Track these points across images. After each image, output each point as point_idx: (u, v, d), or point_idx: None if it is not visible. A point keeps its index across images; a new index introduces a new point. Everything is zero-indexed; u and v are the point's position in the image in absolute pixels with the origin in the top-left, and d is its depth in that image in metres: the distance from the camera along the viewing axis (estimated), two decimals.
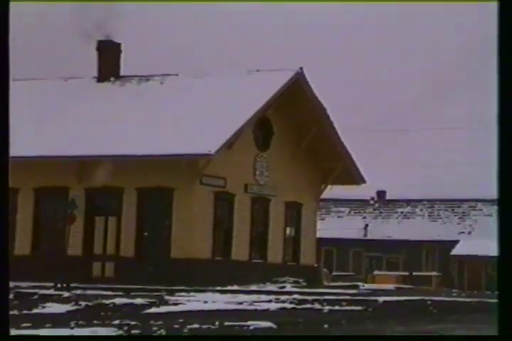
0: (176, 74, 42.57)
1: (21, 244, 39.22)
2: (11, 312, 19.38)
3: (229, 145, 36.80)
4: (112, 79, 43.06)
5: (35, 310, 20.17)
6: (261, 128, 40.35)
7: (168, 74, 42.69)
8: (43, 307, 20.86)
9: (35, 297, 24.15)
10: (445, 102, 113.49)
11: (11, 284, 28.86)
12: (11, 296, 24.58)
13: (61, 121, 39.64)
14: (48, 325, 16.46)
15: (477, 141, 78.78)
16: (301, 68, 40.11)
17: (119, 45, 43.49)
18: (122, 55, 43.71)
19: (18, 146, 37.91)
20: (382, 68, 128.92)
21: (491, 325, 16.34)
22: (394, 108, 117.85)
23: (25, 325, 16.63)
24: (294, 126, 41.46)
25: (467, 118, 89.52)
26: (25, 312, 19.80)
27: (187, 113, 37.94)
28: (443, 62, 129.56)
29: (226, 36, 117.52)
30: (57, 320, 17.56)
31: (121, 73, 43.44)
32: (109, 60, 43.21)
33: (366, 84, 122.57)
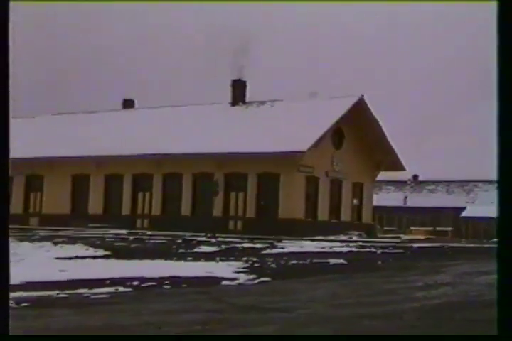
0: (281, 100, 42.71)
1: (185, 208, 39.78)
2: (180, 251, 19.85)
3: (315, 145, 36.83)
4: (240, 103, 43.37)
5: (194, 250, 20.39)
6: (336, 134, 40.26)
7: (276, 100, 42.81)
8: (199, 248, 21.09)
9: (194, 242, 24.45)
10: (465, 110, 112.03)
11: (180, 234, 29.48)
12: (180, 241, 25.03)
13: (208, 130, 40.07)
14: (202, 259, 16.67)
15: (479, 142, 78.28)
16: (362, 95, 40.12)
17: (245, 82, 43.80)
18: (247, 88, 44.11)
19: (183, 146, 38.76)
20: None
21: (484, 260, 16.32)
22: (422, 117, 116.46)
23: (189, 258, 16.95)
24: (358, 132, 41.28)
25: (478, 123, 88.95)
26: (188, 251, 20.07)
27: (288, 125, 38.01)
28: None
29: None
30: (207, 256, 17.75)
31: (247, 100, 43.73)
32: (238, 92, 43.57)
33: (407, 99, 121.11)
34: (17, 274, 11.24)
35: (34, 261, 15.04)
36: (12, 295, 8.85)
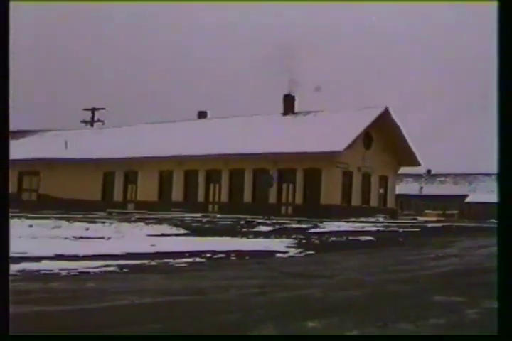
0: (323, 111, 42.51)
1: (247, 196, 39.89)
2: (243, 230, 19.89)
3: (350, 146, 36.65)
4: (290, 113, 43.35)
5: (254, 229, 20.40)
6: (366, 137, 39.96)
7: (318, 111, 42.64)
8: (258, 228, 21.07)
9: (254, 223, 24.45)
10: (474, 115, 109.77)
11: (243, 216, 29.61)
12: (243, 222, 25.07)
13: (265, 135, 40.14)
14: (260, 237, 16.65)
15: (479, 143, 77.30)
16: (387, 106, 39.80)
17: (293, 97, 43.80)
18: (296, 102, 44.08)
19: (245, 148, 38.78)
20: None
21: (483, 237, 16.08)
22: (434, 124, 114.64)
23: (250, 236, 16.98)
24: (383, 136, 40.92)
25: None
26: (250, 230, 20.10)
27: (328, 130, 37.86)
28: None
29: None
30: (265, 235, 17.76)
31: (295, 110, 43.66)
32: (288, 104, 43.57)
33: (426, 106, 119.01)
34: (120, 247, 11.49)
35: (132, 237, 15.29)
36: (116, 262, 9.07)
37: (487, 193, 62.88)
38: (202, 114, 50.27)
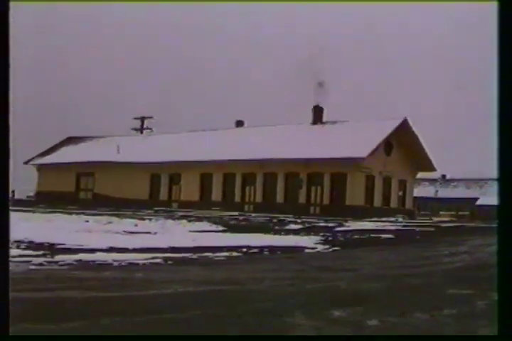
0: (348, 121, 42.22)
1: (279, 197, 39.90)
2: (276, 228, 19.85)
3: (372, 153, 36.46)
4: (318, 123, 43.20)
5: (286, 227, 20.35)
6: (387, 145, 39.66)
7: (344, 121, 42.40)
8: (289, 226, 21.03)
9: (286, 221, 24.39)
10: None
11: (275, 215, 29.53)
12: (275, 220, 24.98)
13: (295, 142, 40.06)
14: (291, 234, 16.61)
15: (489, 151, 76.43)
16: (406, 117, 39.47)
17: (322, 108, 43.62)
18: (324, 113, 43.86)
19: (278, 153, 38.74)
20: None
21: (492, 236, 15.72)
22: (449, 133, 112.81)
23: (282, 233, 16.94)
24: (403, 144, 40.55)
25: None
26: (281, 227, 20.06)
27: (353, 138, 37.70)
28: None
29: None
30: (295, 232, 17.73)
31: (323, 120, 43.50)
32: (317, 115, 43.46)
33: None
34: (165, 241, 11.59)
35: (175, 233, 15.40)
36: (161, 255, 9.15)
37: (495, 196, 62.52)
38: (239, 123, 50.43)
